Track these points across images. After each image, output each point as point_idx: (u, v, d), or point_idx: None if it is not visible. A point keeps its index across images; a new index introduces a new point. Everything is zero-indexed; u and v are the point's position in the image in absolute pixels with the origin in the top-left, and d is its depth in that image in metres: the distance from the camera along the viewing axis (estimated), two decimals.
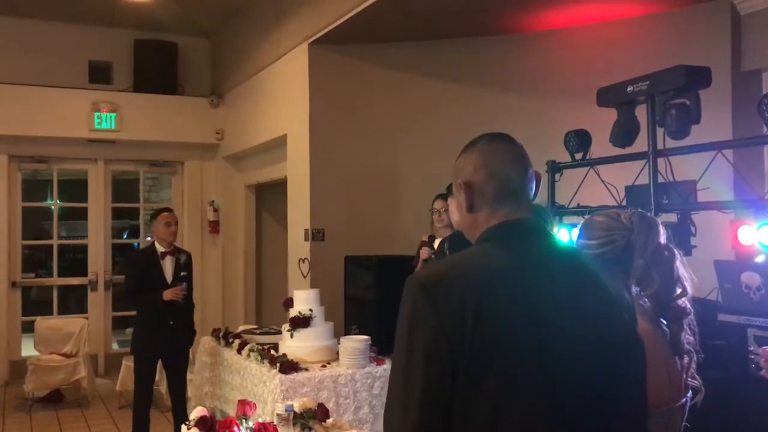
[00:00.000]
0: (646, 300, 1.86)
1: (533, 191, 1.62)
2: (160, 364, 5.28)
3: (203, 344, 5.50)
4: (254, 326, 6.11)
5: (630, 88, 3.31)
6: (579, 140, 3.79)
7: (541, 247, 1.52)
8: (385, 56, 5.97)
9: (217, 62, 8.51)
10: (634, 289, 1.87)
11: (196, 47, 8.57)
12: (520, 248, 1.48)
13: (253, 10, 7.27)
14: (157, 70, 8.16)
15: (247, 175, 8.26)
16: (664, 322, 1.91)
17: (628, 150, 3.51)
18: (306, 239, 6.02)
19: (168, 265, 5.06)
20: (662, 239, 1.90)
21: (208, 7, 7.73)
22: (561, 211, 3.90)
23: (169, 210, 5.33)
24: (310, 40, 5.90)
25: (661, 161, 3.37)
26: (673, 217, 3.52)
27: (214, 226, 8.43)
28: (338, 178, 6.00)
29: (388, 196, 6.08)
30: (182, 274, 5.03)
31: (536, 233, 1.53)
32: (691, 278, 1.90)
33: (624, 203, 3.57)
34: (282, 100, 6.58)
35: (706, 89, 4.45)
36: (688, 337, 1.88)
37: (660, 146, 3.32)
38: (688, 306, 1.89)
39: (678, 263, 1.90)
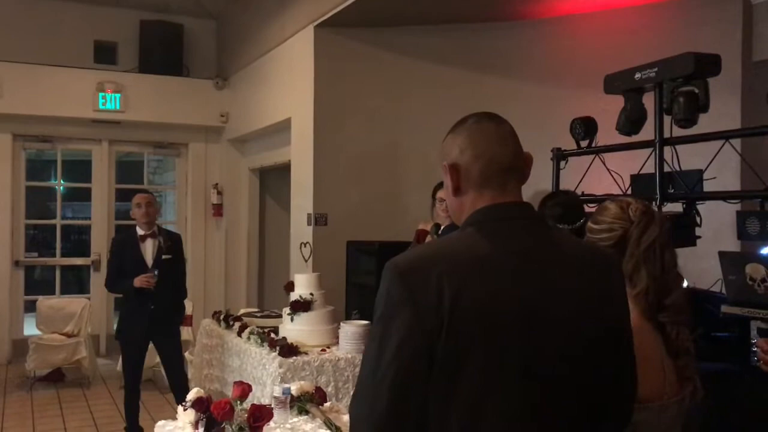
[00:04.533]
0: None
1: (525, 174, 1.57)
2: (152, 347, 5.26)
3: (203, 326, 5.49)
4: (255, 309, 6.11)
5: (638, 75, 3.26)
6: (585, 127, 3.74)
7: (527, 232, 1.45)
8: (391, 40, 5.92)
9: (223, 44, 8.46)
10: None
11: (202, 29, 8.52)
12: (503, 234, 1.42)
13: None
14: (162, 51, 8.11)
15: (251, 158, 8.23)
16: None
17: (634, 138, 3.46)
18: (309, 224, 6.00)
19: (148, 248, 4.96)
20: (661, 237, 1.84)
21: None
22: (574, 195, 3.85)
23: (143, 191, 5.26)
24: (316, 23, 5.85)
25: (667, 150, 3.32)
26: (678, 207, 3.48)
27: (218, 210, 8.41)
28: (342, 163, 5.97)
29: (391, 181, 6.05)
30: (164, 257, 4.95)
31: (522, 218, 1.47)
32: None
33: (629, 192, 3.52)
34: (287, 84, 6.54)
35: (715, 78, 4.40)
36: (684, 338, 1.83)
37: (667, 135, 3.27)
38: (685, 307, 1.84)
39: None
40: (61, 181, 8.32)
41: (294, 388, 2.99)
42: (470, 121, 1.52)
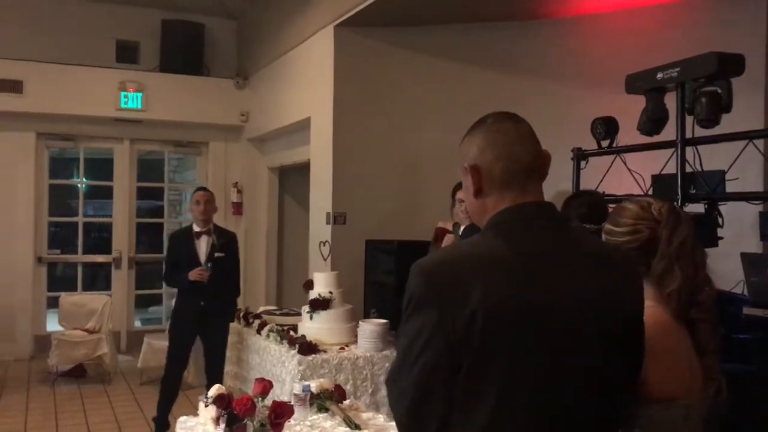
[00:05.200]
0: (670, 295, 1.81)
1: (544, 173, 1.57)
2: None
3: None
4: (274, 307, 6.14)
5: (659, 75, 3.24)
6: (606, 127, 3.72)
7: (549, 232, 1.45)
8: (411, 39, 5.92)
9: (244, 44, 8.51)
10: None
11: (223, 28, 8.58)
12: (526, 235, 1.42)
13: None
14: (183, 51, 8.18)
15: (270, 157, 8.27)
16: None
17: (655, 138, 3.44)
18: (327, 222, 6.02)
19: (203, 245, 5.08)
20: (691, 235, 1.85)
21: None
22: (597, 195, 3.83)
23: (202, 189, 5.34)
24: (336, 22, 5.87)
25: (689, 150, 3.30)
26: (700, 208, 3.46)
27: (238, 208, 8.47)
28: (361, 162, 5.98)
29: (410, 180, 6.05)
30: (216, 255, 5.05)
31: (544, 218, 1.47)
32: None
33: (650, 192, 3.51)
34: (307, 83, 6.57)
35: (739, 77, 4.36)
36: (712, 336, 1.83)
37: (689, 135, 3.25)
38: (714, 305, 1.85)
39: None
40: (83, 179, 8.42)
41: (314, 385, 3.01)
42: (489, 122, 1.52)
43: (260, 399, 2.51)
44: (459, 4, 5.30)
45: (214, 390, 2.73)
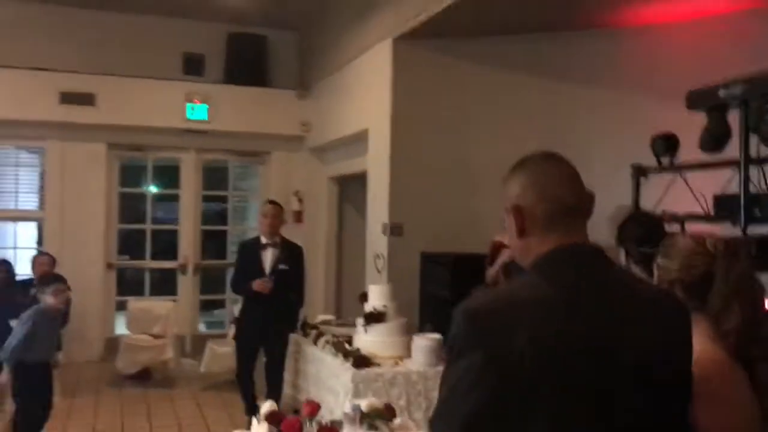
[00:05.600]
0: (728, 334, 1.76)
1: (589, 213, 1.56)
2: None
3: None
4: (332, 317, 6.21)
5: (722, 92, 3.15)
6: (666, 144, 3.63)
7: (595, 274, 1.45)
8: (469, 51, 5.91)
9: (305, 55, 8.65)
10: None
11: (285, 40, 8.75)
12: (571, 277, 1.42)
13: (339, 4, 7.34)
14: (247, 63, 8.38)
15: (330, 167, 8.38)
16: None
17: (718, 156, 3.34)
18: (384, 233, 6.06)
19: (268, 257, 5.24)
20: (750, 270, 1.79)
21: (297, 1, 7.86)
22: (656, 216, 3.74)
23: (271, 202, 5.49)
24: (394, 35, 5.91)
25: (754, 170, 3.18)
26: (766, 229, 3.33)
27: (299, 216, 8.60)
28: (418, 174, 6.00)
29: (467, 193, 6.03)
30: (280, 267, 5.19)
31: (590, 259, 1.46)
32: None
33: (712, 213, 3.40)
34: (365, 95, 6.63)
35: None
36: None
37: (753, 154, 3.14)
38: None
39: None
40: (152, 188, 8.72)
41: (364, 404, 3.04)
42: (531, 162, 1.54)
43: (308, 421, 2.55)
44: (517, 14, 5.26)
45: (267, 407, 2.79)
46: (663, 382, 1.41)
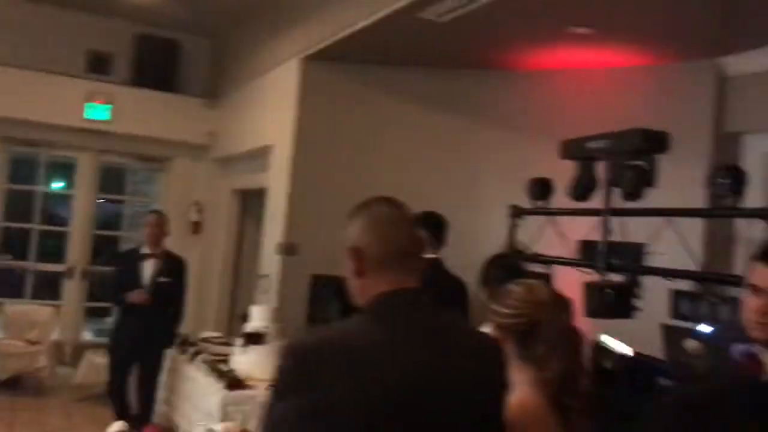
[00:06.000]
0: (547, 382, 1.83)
1: (422, 257, 1.63)
2: None
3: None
4: (218, 334, 6.09)
5: (590, 145, 3.30)
6: (541, 188, 3.78)
7: (420, 319, 1.51)
8: (377, 78, 5.97)
9: (217, 64, 8.53)
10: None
11: (198, 47, 8.59)
12: (398, 321, 1.48)
13: (253, 17, 7.30)
14: (156, 66, 8.17)
15: (233, 179, 8.25)
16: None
17: (586, 205, 3.50)
18: (278, 253, 6.01)
19: (148, 268, 5.07)
20: (572, 321, 1.88)
21: (212, 9, 7.75)
22: (521, 258, 3.88)
23: (154, 212, 5.36)
24: (303, 54, 5.92)
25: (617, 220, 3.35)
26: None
27: (196, 227, 8.42)
28: (317, 195, 5.98)
29: None
30: (160, 279, 5.04)
31: (416, 304, 1.53)
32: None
33: (575, 256, 3.55)
34: (271, 111, 6.59)
35: (685, 147, 4.44)
36: (585, 424, 1.85)
37: (616, 205, 3.31)
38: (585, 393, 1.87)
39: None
40: (43, 186, 8.34)
41: (221, 427, 3.00)
42: (371, 207, 1.61)
43: None
44: (422, 48, 5.36)
45: (115, 428, 2.70)
46: (477, 426, 1.47)
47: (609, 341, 3.85)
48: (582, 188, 3.36)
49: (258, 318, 4.64)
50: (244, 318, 4.75)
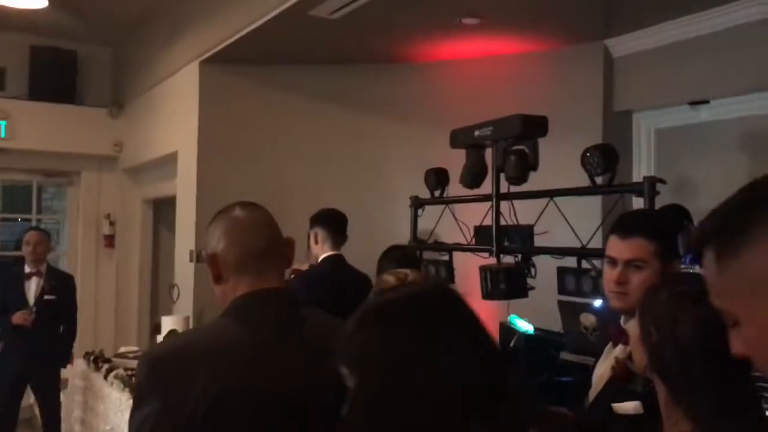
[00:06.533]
0: None
1: (286, 257, 1.64)
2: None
3: (77, 366, 5.34)
4: (135, 348, 5.97)
5: (477, 133, 3.39)
6: (437, 178, 3.86)
7: (280, 318, 1.53)
8: (276, 78, 5.95)
9: (119, 73, 8.31)
10: None
11: (97, 56, 8.34)
12: (257, 322, 1.49)
13: (151, 24, 7.15)
14: (54, 78, 7.88)
15: (144, 189, 8.08)
16: None
17: (477, 191, 3.59)
18: (191, 260, 5.92)
19: (32, 286, 4.91)
20: None
21: (110, 17, 7.54)
22: (421, 247, 3.95)
23: (33, 229, 5.19)
24: (201, 58, 5.84)
25: (507, 204, 3.45)
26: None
27: (110, 240, 8.20)
28: (226, 199, 5.80)
29: (278, 219, 6.03)
30: (46, 297, 4.87)
31: (276, 304, 1.54)
32: None
33: (473, 242, 3.64)
34: (174, 117, 6.48)
35: (578, 129, 4.61)
36: None
37: (505, 190, 3.41)
38: None
39: None
40: None
41: None
42: (227, 212, 1.62)
43: None
44: (318, 46, 5.37)
45: None
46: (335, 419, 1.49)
47: (515, 321, 3.97)
48: (472, 176, 3.45)
49: (169, 329, 4.56)
50: (157, 329, 4.66)
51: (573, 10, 4.63)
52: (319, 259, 3.67)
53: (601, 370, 2.03)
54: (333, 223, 3.63)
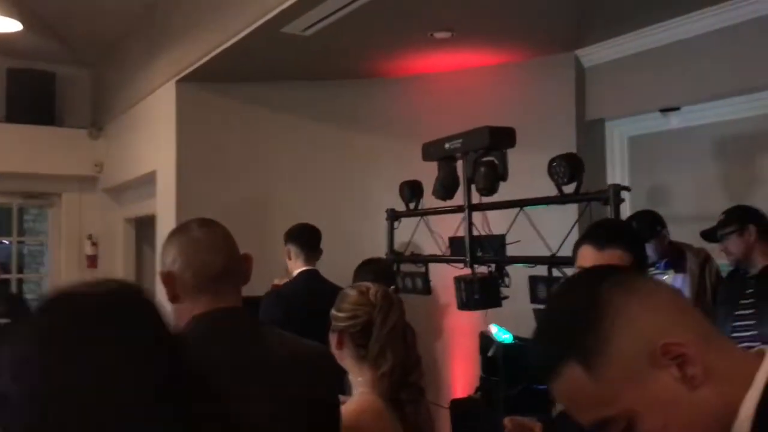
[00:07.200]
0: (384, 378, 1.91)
1: (243, 275, 1.65)
2: None
3: None
4: None
5: (447, 145, 3.44)
6: (412, 190, 3.89)
7: (237, 338, 1.53)
8: (255, 95, 5.98)
9: (98, 93, 8.31)
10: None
11: (76, 77, 8.34)
12: (214, 342, 1.50)
13: (128, 44, 7.18)
14: (32, 100, 7.87)
15: (126, 208, 8.07)
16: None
17: (451, 203, 3.63)
18: None
19: None
20: (402, 319, 1.96)
21: (87, 39, 7.55)
22: (398, 259, 3.98)
23: None
24: (177, 77, 5.86)
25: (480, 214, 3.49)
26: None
27: (92, 261, 8.17)
28: (206, 216, 5.91)
29: (257, 234, 6.03)
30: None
31: (234, 324, 1.55)
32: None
33: (448, 253, 3.68)
34: (152, 136, 6.50)
35: (552, 137, 4.66)
36: (421, 416, 1.94)
37: (476, 201, 3.45)
38: (422, 386, 1.96)
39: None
40: None
41: None
42: (183, 230, 1.61)
43: None
44: (296, 62, 5.41)
45: None
46: None
47: (494, 330, 4.00)
48: (445, 188, 3.49)
49: None
50: None
51: (544, 21, 4.69)
52: (294, 275, 3.68)
53: None
54: (305, 238, 3.65)
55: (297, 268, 3.66)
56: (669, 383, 0.88)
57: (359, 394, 1.83)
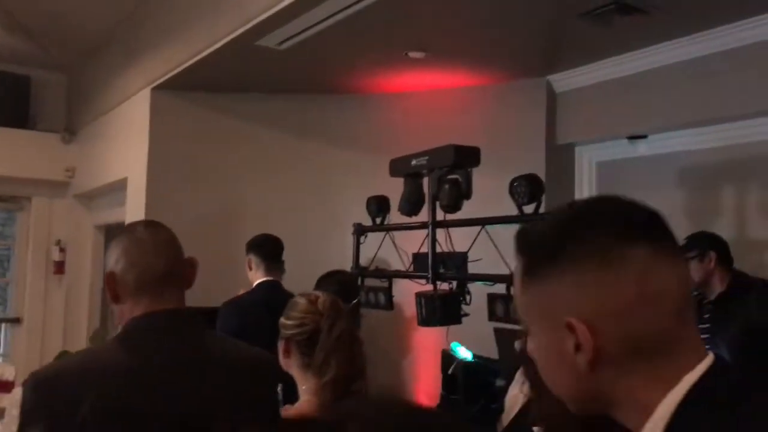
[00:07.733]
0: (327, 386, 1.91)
1: (187, 279, 1.65)
2: None
3: (14, 395, 5.21)
4: None
5: (413, 162, 3.47)
6: (378, 205, 3.92)
7: (176, 340, 1.53)
8: (230, 105, 5.99)
9: (73, 98, 8.26)
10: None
11: (51, 81, 8.29)
12: (151, 344, 1.50)
13: (105, 50, 7.16)
14: (6, 103, 7.81)
15: (96, 215, 8.01)
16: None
17: (416, 219, 3.66)
18: None
19: None
20: (349, 328, 1.97)
21: (64, 43, 7.52)
22: (362, 274, 3.99)
23: None
24: (153, 85, 5.85)
25: (444, 231, 3.51)
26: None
27: (59, 267, 8.07)
28: (176, 227, 5.84)
29: (229, 246, 6.01)
30: None
31: (174, 326, 1.55)
32: None
33: (411, 269, 3.70)
34: (125, 143, 6.47)
35: (523, 161, 4.72)
36: None
37: (440, 218, 3.48)
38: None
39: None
40: None
41: None
42: (129, 231, 1.62)
43: None
44: (270, 75, 5.43)
45: None
46: None
47: (456, 348, 4.01)
48: (410, 204, 3.52)
49: None
50: None
51: (517, 47, 4.77)
52: (253, 285, 3.67)
53: (514, 392, 2.08)
54: (266, 248, 3.65)
55: (257, 278, 3.65)
56: (565, 344, 0.90)
57: (301, 402, 1.84)
